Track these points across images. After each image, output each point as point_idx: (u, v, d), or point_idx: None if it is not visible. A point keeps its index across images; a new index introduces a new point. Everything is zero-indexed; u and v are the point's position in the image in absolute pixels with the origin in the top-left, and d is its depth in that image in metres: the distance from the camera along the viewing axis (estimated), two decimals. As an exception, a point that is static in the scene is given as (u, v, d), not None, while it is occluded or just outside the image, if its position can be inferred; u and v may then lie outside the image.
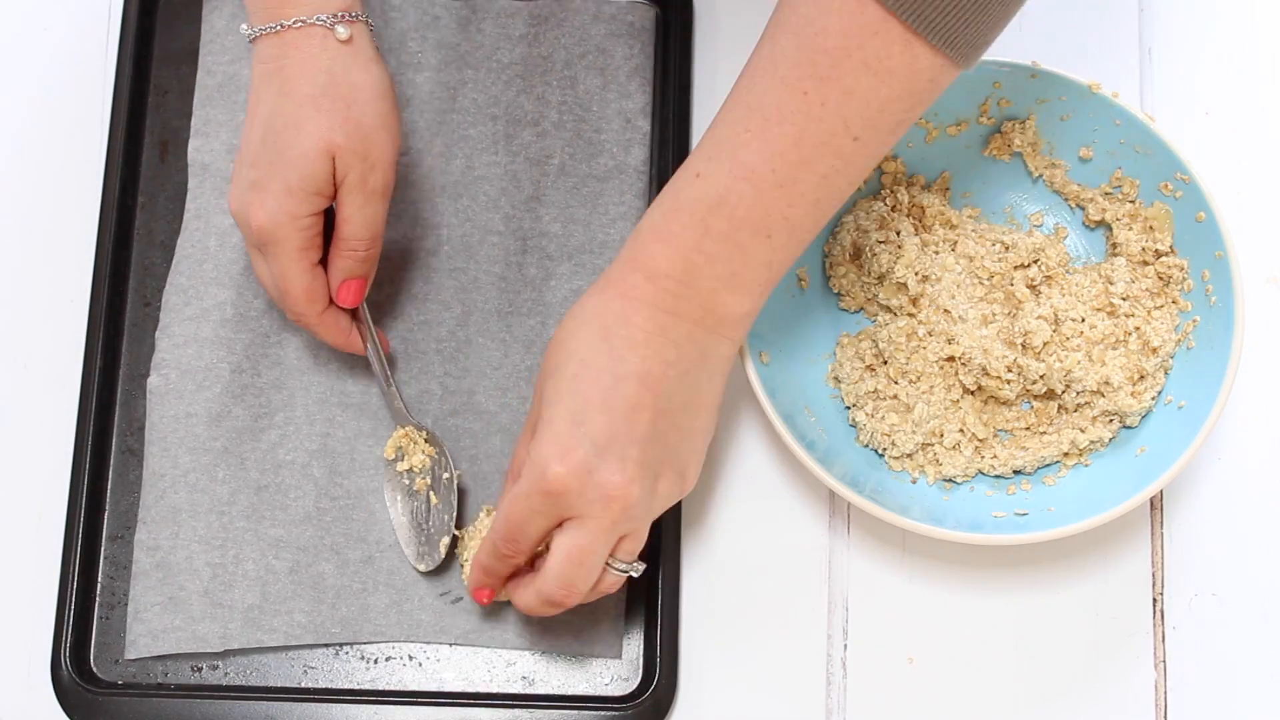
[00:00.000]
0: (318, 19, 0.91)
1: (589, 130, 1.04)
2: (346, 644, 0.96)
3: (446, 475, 0.97)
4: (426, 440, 0.97)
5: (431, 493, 0.96)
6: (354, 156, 0.91)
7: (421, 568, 0.96)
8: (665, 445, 0.87)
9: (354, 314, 0.97)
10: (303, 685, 0.95)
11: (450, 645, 0.96)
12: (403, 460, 0.97)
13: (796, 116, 0.83)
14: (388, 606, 0.96)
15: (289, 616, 0.95)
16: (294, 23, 0.91)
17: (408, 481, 0.97)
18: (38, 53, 1.08)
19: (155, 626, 0.95)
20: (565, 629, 0.95)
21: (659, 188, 1.03)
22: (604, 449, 0.85)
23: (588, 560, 0.86)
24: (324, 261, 0.94)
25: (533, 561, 0.90)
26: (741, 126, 0.84)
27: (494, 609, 0.96)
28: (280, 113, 0.91)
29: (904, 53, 0.81)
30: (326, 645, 0.96)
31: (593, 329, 0.86)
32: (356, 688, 0.95)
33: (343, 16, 0.92)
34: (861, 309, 1.01)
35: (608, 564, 0.88)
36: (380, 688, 0.95)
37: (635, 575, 0.90)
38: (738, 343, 0.89)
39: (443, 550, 0.96)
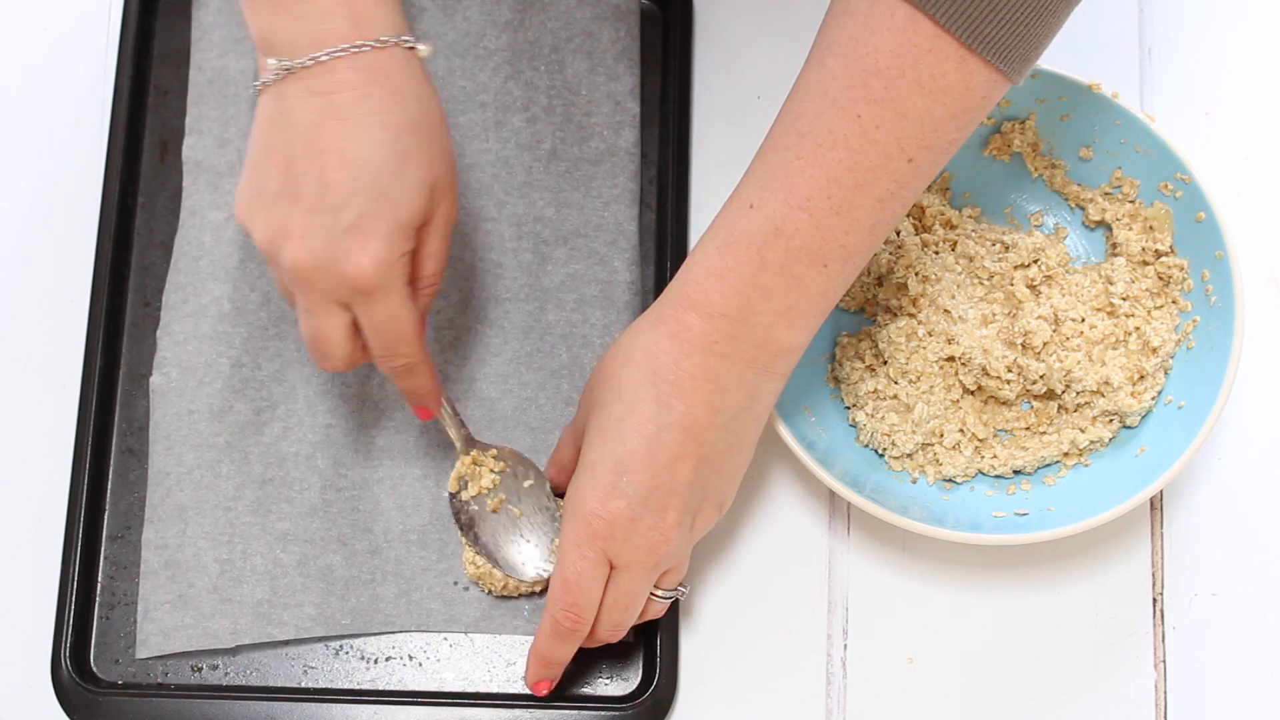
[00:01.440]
0: (401, 39, 0.84)
1: (579, 114, 1.04)
2: (352, 636, 0.96)
3: (528, 482, 0.96)
4: (495, 458, 0.96)
5: (511, 506, 0.95)
6: (446, 188, 0.86)
7: (545, 574, 0.95)
8: (705, 487, 0.88)
9: None
10: (303, 685, 0.95)
11: (463, 635, 0.96)
12: (467, 489, 0.96)
13: (850, 141, 0.81)
14: (397, 596, 0.96)
15: (299, 610, 0.95)
16: (379, 43, 0.83)
17: (476, 508, 0.95)
18: (38, 53, 1.08)
19: (165, 625, 0.95)
20: None
21: (656, 172, 1.03)
22: (645, 499, 0.86)
23: (634, 602, 0.89)
24: None
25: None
26: (793, 153, 0.82)
27: (500, 599, 0.96)
28: (376, 149, 0.82)
29: (958, 70, 0.79)
30: (327, 645, 0.96)
31: (643, 371, 0.85)
32: (356, 688, 0.95)
33: (412, 35, 0.85)
34: (862, 309, 1.01)
35: (652, 594, 0.90)
36: (380, 688, 0.95)
37: (681, 599, 0.93)
38: (785, 378, 0.88)
39: (553, 551, 0.95)
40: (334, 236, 0.83)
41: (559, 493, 0.95)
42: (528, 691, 0.95)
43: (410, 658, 0.96)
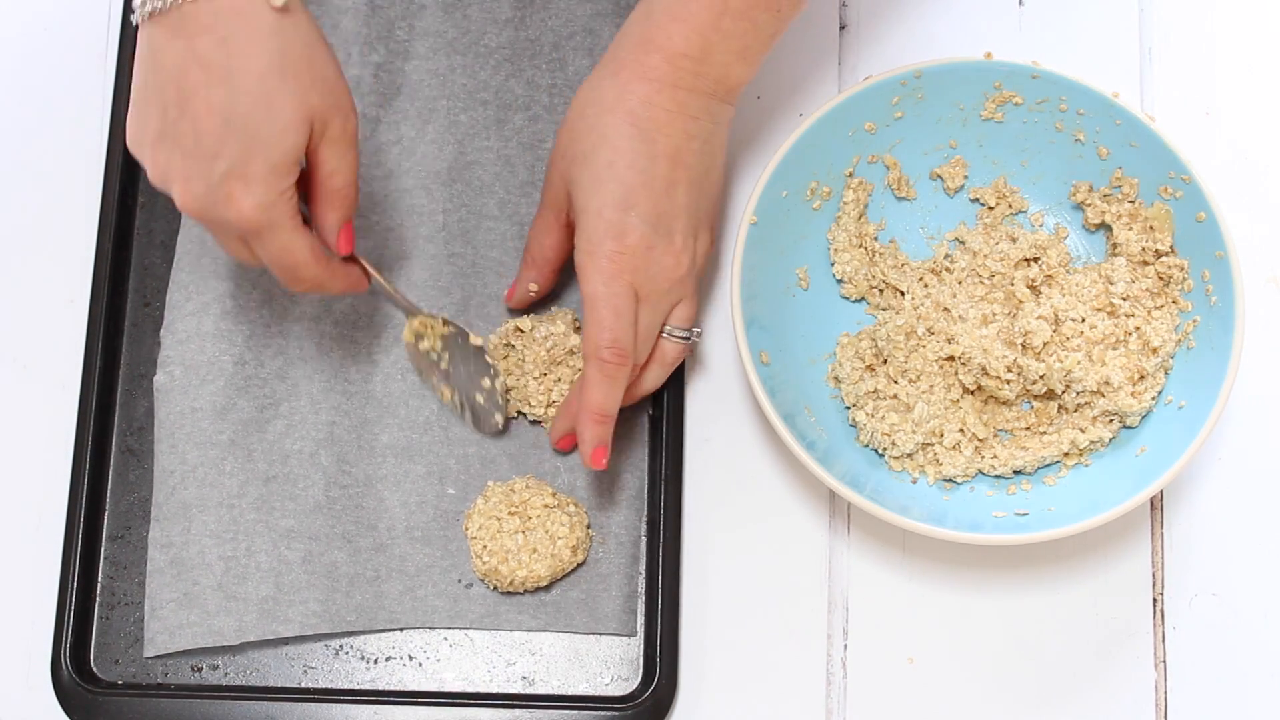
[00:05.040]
0: None
1: None
2: (355, 634, 0.96)
3: (476, 342, 0.99)
4: (445, 323, 0.98)
5: (460, 365, 0.99)
6: (332, 112, 0.88)
7: (498, 428, 0.99)
8: (697, 210, 0.94)
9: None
10: (303, 685, 0.95)
11: (463, 635, 0.96)
12: (424, 341, 0.98)
13: None
14: (401, 593, 0.96)
15: (303, 606, 0.96)
16: None
17: (435, 359, 0.99)
18: (38, 53, 1.08)
19: (171, 623, 0.95)
20: (579, 608, 0.96)
21: None
22: (655, 226, 0.92)
23: (649, 336, 0.94)
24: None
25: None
26: None
27: (505, 595, 0.96)
28: (241, 94, 0.84)
29: None
30: (327, 645, 0.96)
31: (618, 114, 0.91)
32: (356, 688, 0.95)
33: None
34: (863, 298, 1.01)
35: (670, 335, 0.95)
36: (380, 688, 0.95)
37: (698, 340, 0.97)
38: (735, 105, 0.95)
39: (503, 405, 0.99)
40: (213, 184, 0.86)
41: (543, 289, 0.99)
42: (528, 691, 0.95)
43: (410, 658, 0.96)
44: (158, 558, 0.96)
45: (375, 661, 0.96)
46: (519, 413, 0.99)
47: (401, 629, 0.96)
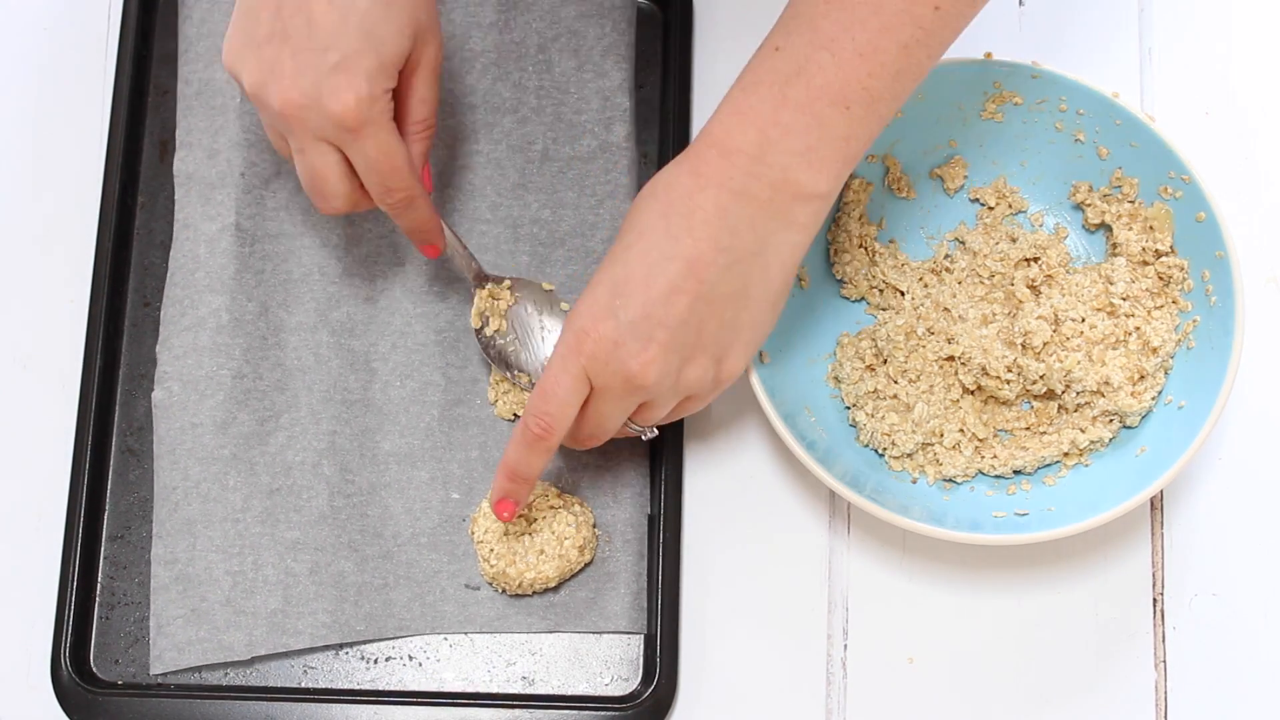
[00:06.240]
0: None
1: (569, 113, 1.04)
2: (369, 641, 0.96)
3: (548, 286, 0.98)
4: (509, 289, 0.98)
5: (527, 341, 0.98)
6: (430, 34, 0.89)
7: None
8: (701, 332, 0.87)
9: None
10: (303, 685, 0.95)
11: (463, 635, 0.96)
12: (489, 324, 0.98)
13: None
14: (410, 600, 0.96)
15: (313, 618, 0.95)
16: None
17: (503, 341, 0.98)
18: (38, 53, 1.08)
19: (180, 640, 0.95)
20: (588, 608, 0.96)
21: (657, 164, 1.03)
22: (634, 325, 0.85)
23: (605, 425, 0.89)
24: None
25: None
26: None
27: (513, 598, 0.96)
28: None
29: None
30: (329, 646, 0.96)
31: (659, 203, 0.86)
32: (356, 688, 0.95)
33: None
34: (863, 298, 1.01)
35: (625, 422, 0.90)
36: (380, 688, 0.95)
37: (645, 438, 0.93)
38: (810, 231, 0.87)
39: None
40: (321, 75, 0.86)
41: None
42: (528, 691, 0.95)
43: (410, 658, 0.96)
44: (162, 574, 0.96)
45: (375, 661, 0.96)
46: (517, 415, 1.00)
47: (414, 635, 0.96)
